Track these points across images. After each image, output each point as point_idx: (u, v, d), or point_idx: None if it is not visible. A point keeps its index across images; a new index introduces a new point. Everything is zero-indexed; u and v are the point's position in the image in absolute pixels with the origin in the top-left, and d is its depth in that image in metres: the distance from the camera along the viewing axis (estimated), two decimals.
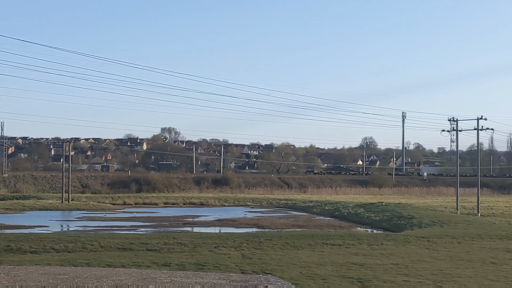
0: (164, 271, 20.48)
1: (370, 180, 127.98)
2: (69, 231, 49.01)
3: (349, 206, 73.65)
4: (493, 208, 69.41)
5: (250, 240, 32.03)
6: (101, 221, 58.66)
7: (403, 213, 58.71)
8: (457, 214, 60.44)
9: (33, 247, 28.99)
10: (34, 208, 74.36)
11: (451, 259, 25.67)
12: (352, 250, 28.91)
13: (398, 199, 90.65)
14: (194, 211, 75.77)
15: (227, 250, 28.16)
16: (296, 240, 32.63)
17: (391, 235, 37.32)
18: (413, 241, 33.05)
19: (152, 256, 25.75)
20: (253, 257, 25.39)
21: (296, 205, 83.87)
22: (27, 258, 25.11)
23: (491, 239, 34.68)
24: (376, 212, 64.35)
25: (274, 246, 29.98)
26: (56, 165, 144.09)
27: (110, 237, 33.07)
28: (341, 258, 25.51)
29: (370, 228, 54.32)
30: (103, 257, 25.11)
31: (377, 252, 28.30)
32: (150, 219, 60.99)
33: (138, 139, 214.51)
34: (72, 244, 29.96)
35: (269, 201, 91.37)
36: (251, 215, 67.91)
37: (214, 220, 60.24)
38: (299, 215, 69.56)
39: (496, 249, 29.75)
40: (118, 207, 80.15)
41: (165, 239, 32.12)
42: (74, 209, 74.67)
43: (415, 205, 72.27)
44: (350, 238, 34.61)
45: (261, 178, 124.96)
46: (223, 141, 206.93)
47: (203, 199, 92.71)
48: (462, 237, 35.24)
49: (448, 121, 68.14)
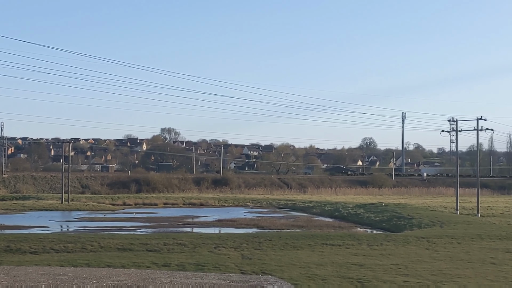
0: (164, 272, 20.48)
1: (370, 180, 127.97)
2: (68, 232, 49.00)
3: (348, 207, 73.65)
4: (492, 209, 69.46)
5: (250, 241, 32.02)
6: (101, 221, 58.65)
7: (403, 214, 58.73)
8: (456, 215, 60.46)
9: (32, 247, 28.97)
10: (33, 209, 74.33)
11: (451, 260, 25.67)
12: (352, 251, 28.91)
13: (398, 200, 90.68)
14: (194, 211, 75.74)
15: (227, 250, 28.15)
16: (296, 241, 32.62)
17: (390, 236, 37.32)
18: (412, 242, 33.05)
19: (152, 256, 25.73)
20: (253, 258, 25.38)
21: (295, 206, 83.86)
22: (26, 259, 25.10)
23: (490, 240, 34.69)
24: (376, 212, 64.36)
25: (273, 247, 29.98)
26: (56, 165, 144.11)
27: (110, 238, 33.06)
28: (341, 259, 25.51)
29: (370, 228, 54.33)
30: (103, 257, 25.09)
31: (377, 252, 28.30)
32: (150, 220, 60.98)
33: (138, 139, 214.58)
34: (72, 244, 29.94)
35: (268, 202, 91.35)
36: (251, 215, 67.90)
37: (214, 220, 60.23)
38: (299, 215, 69.53)
39: (496, 249, 29.76)
40: (118, 207, 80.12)
41: (165, 240, 32.10)
42: (74, 210, 74.64)
43: (415, 206, 72.30)
44: (350, 238, 34.60)
45: (260, 179, 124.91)
46: (223, 141, 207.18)
47: (203, 199, 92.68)
48: (461, 238, 35.25)
49: (448, 121, 68.23)
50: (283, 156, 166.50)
